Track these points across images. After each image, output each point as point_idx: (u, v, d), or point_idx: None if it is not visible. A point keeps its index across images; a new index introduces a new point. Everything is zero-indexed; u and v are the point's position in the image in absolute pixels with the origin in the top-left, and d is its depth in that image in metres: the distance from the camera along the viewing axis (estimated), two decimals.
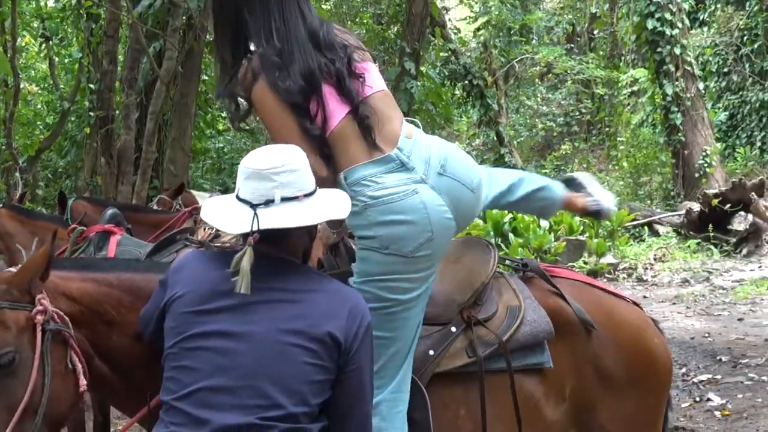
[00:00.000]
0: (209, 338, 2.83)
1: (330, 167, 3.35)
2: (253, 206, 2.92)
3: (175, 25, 11.46)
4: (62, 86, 18.52)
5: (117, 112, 12.66)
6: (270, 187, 2.93)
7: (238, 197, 2.99)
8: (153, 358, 3.10)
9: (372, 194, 3.33)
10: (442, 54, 21.94)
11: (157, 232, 7.33)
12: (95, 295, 3.18)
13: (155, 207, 9.12)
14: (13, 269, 3.08)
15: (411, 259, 3.35)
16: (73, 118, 17.62)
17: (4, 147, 14.68)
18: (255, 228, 2.87)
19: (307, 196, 3.01)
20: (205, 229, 6.53)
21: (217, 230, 6.68)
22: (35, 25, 17.08)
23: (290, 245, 3.04)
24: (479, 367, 3.51)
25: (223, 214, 3.02)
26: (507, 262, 4.12)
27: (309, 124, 3.32)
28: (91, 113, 13.81)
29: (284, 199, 2.95)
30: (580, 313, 3.75)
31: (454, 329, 3.58)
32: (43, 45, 17.33)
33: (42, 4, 18.43)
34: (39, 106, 20.36)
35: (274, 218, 2.91)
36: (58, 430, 3.10)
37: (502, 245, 16.39)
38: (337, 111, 3.36)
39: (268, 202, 2.92)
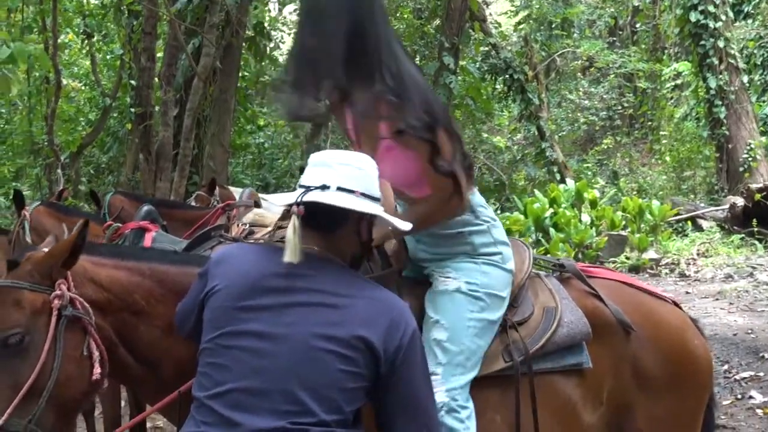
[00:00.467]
0: (245, 337, 2.79)
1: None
2: (308, 188, 2.91)
3: (213, 21, 11.46)
4: (104, 83, 18.66)
5: (156, 108, 12.69)
6: (329, 174, 2.93)
7: (300, 184, 2.98)
8: (183, 352, 3.10)
9: (492, 216, 3.71)
10: (482, 48, 21.85)
11: (191, 229, 7.34)
12: (126, 284, 3.19)
13: (193, 203, 9.13)
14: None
15: (512, 276, 3.67)
16: (115, 115, 17.74)
17: (46, 143, 14.78)
18: (300, 200, 2.87)
19: (366, 197, 2.98)
20: (239, 225, 6.53)
21: (251, 227, 6.69)
22: (77, 22, 17.16)
23: (339, 243, 3.01)
24: (515, 371, 3.49)
25: (280, 196, 3.05)
26: (543, 262, 4.07)
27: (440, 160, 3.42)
28: (132, 109, 13.92)
29: (340, 189, 2.93)
30: (617, 314, 3.71)
31: None
32: (85, 42, 17.44)
33: (84, 1, 18.54)
34: (82, 103, 20.50)
35: (322, 197, 2.90)
36: (70, 416, 3.11)
37: (543, 240, 16.32)
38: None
39: (324, 187, 2.91)
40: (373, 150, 3.42)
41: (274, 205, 5.66)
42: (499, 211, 19.24)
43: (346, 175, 2.95)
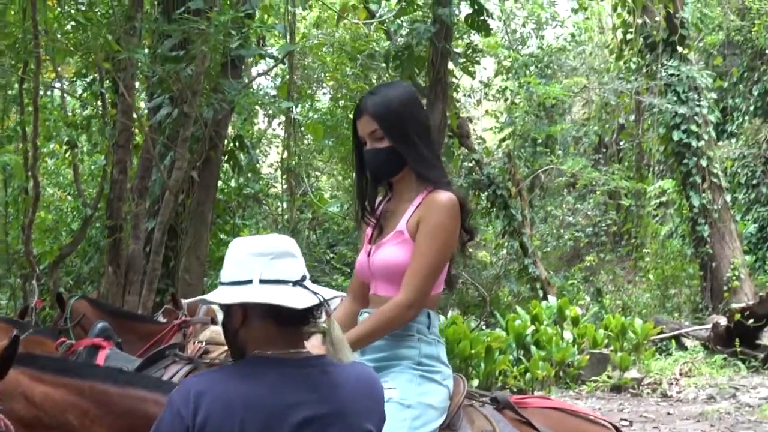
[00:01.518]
0: None
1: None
2: (294, 283, 2.77)
3: (185, 135, 11.49)
4: (88, 192, 18.69)
5: (127, 220, 12.66)
6: (299, 263, 2.83)
7: (264, 280, 2.77)
8: None
9: (439, 337, 3.88)
10: (466, 164, 21.98)
11: (146, 345, 7.23)
12: (60, 402, 3.06)
13: (161, 317, 9.00)
14: None
15: (448, 393, 3.74)
16: (97, 225, 17.70)
17: (22, 254, 14.71)
18: (320, 299, 2.76)
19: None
20: (194, 343, 6.44)
21: (207, 346, 6.59)
22: (62, 132, 17.28)
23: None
24: None
25: (268, 292, 2.76)
26: (476, 395, 4.04)
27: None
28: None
29: (305, 278, 2.83)
30: None
31: None
32: (68, 152, 17.51)
33: (69, 112, 18.68)
34: (66, 212, 20.51)
35: (322, 291, 2.82)
36: None
37: (523, 359, 16.17)
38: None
39: (303, 278, 2.80)
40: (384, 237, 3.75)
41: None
42: (482, 327, 19.10)
43: (301, 262, 2.87)
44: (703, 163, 21.28)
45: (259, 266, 2.76)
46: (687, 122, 21.29)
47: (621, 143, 28.88)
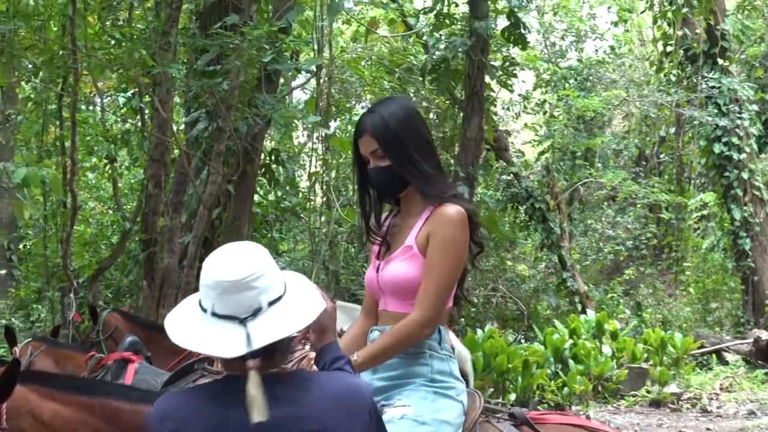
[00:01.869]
0: None
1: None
2: (242, 321, 2.70)
3: (219, 149, 11.55)
4: (129, 206, 18.84)
5: (162, 234, 12.74)
6: (253, 295, 2.73)
7: (215, 314, 2.74)
8: None
9: (451, 352, 3.85)
10: (504, 177, 21.91)
11: (176, 360, 7.24)
12: (70, 420, 3.07)
13: None
14: None
15: (463, 408, 3.76)
16: (137, 238, 17.83)
17: (61, 268, 14.83)
18: (253, 347, 2.66)
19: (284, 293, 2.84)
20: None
21: None
22: (103, 146, 17.44)
23: (281, 352, 2.85)
24: None
25: (207, 336, 2.73)
26: (494, 410, 4.02)
27: None
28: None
29: (270, 303, 2.77)
30: None
31: None
32: (107, 166, 17.67)
33: (108, 126, 18.85)
34: (105, 226, 20.67)
35: (270, 329, 2.72)
36: None
37: (561, 373, 16.07)
38: None
39: (256, 312, 2.72)
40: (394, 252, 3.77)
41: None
42: (521, 341, 19.01)
43: (266, 287, 2.78)
44: (745, 175, 21.11)
45: (211, 299, 2.74)
46: (728, 135, 21.13)
47: (661, 156, 28.70)
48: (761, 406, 15.05)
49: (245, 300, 2.72)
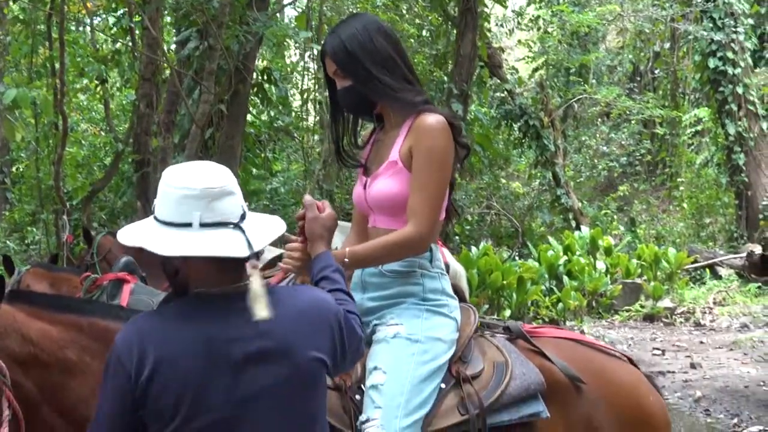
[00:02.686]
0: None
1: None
2: (236, 225, 2.70)
3: (212, 68, 11.42)
4: (120, 127, 18.71)
5: (155, 154, 12.67)
6: (236, 201, 2.75)
7: (204, 224, 2.70)
8: None
9: (443, 269, 3.80)
10: (498, 94, 21.80)
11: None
12: (58, 338, 3.04)
13: None
14: None
15: (457, 325, 3.72)
16: (130, 159, 17.76)
17: (53, 190, 14.77)
18: (254, 249, 2.67)
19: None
20: None
21: None
22: (93, 67, 17.23)
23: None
24: (471, 425, 3.41)
25: (207, 242, 2.67)
26: (488, 325, 4.00)
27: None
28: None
29: (244, 216, 2.76)
30: (565, 369, 3.63)
31: (443, 386, 3.49)
32: (98, 87, 17.50)
33: (98, 46, 18.64)
34: (98, 147, 20.55)
35: (260, 232, 2.75)
36: None
37: (556, 289, 16.17)
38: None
39: (242, 217, 2.73)
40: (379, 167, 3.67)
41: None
42: (515, 258, 19.08)
43: (239, 194, 2.80)
44: (740, 90, 21.05)
45: (199, 209, 2.69)
46: (723, 49, 21.01)
47: (656, 71, 28.55)
48: (754, 320, 15.17)
49: (231, 205, 2.72)
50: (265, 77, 14.72)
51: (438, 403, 3.45)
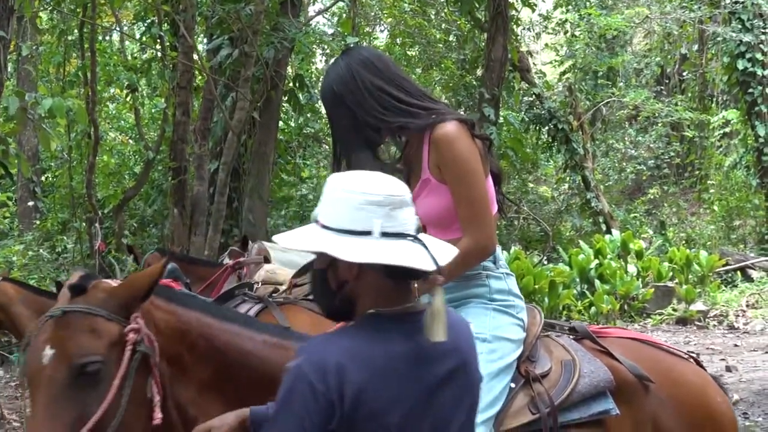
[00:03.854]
0: None
1: None
2: (416, 238, 2.56)
3: (247, 75, 11.46)
4: (149, 136, 18.80)
5: (191, 162, 12.74)
6: (413, 213, 2.62)
7: (385, 233, 2.55)
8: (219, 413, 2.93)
9: (508, 270, 3.82)
10: (526, 98, 21.77)
11: (202, 287, 7.29)
12: (177, 331, 3.05)
13: (227, 259, 9.05)
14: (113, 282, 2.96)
15: (523, 325, 3.72)
16: (159, 168, 17.85)
17: (85, 198, 14.87)
18: (439, 264, 2.51)
19: None
20: (260, 283, 6.46)
21: (276, 284, 6.60)
22: (123, 76, 17.34)
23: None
24: (543, 424, 3.41)
25: (394, 250, 2.53)
26: (553, 325, 4.00)
27: None
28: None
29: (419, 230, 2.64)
30: (633, 369, 3.62)
31: (513, 385, 3.50)
32: (129, 96, 17.59)
33: (128, 55, 18.75)
34: (128, 156, 20.67)
35: (439, 248, 2.61)
36: None
37: (587, 293, 16.13)
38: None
39: (419, 230, 2.61)
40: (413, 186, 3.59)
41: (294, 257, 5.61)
42: (545, 262, 19.03)
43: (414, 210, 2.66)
44: None
45: (380, 217, 2.55)
46: (752, 50, 20.91)
47: (684, 74, 28.42)
48: None
49: (410, 217, 2.60)
50: (297, 84, 14.76)
51: (509, 403, 3.45)
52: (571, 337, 3.82)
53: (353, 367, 2.45)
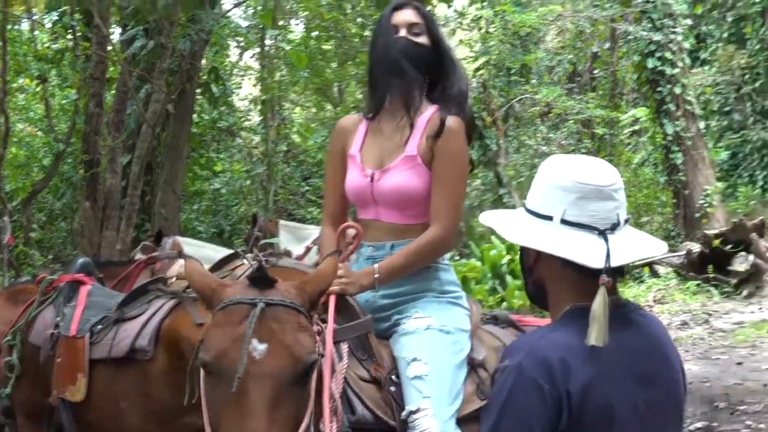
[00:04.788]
0: None
1: None
2: (602, 233, 2.46)
3: (162, 67, 11.35)
4: (59, 128, 18.45)
5: (104, 155, 12.55)
6: (612, 207, 2.51)
7: (566, 221, 2.48)
8: None
9: (448, 260, 3.89)
10: None
11: (115, 281, 7.21)
12: None
13: (139, 254, 8.93)
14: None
15: (469, 315, 3.79)
16: (69, 160, 17.54)
17: None
18: (611, 264, 2.41)
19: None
20: (174, 278, 6.39)
21: (177, 280, 6.54)
22: (33, 66, 16.99)
23: (620, 277, 2.62)
24: None
25: (562, 241, 2.46)
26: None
27: None
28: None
29: (626, 221, 2.54)
30: None
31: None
32: (39, 86, 17.27)
33: (38, 45, 18.39)
34: (37, 148, 20.28)
35: (629, 248, 2.49)
36: None
37: (499, 288, 16.24)
38: None
39: (614, 226, 2.49)
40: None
41: (210, 252, 5.59)
42: (457, 257, 19.14)
43: (622, 202, 2.55)
44: (677, 90, 21.28)
45: (564, 203, 2.48)
46: (662, 49, 21.24)
47: (595, 72, 28.79)
48: (693, 317, 15.35)
49: (604, 210, 2.49)
50: (212, 77, 14.63)
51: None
52: (496, 325, 3.89)
53: (576, 362, 2.39)
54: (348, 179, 3.78)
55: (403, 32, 3.66)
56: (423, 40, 3.66)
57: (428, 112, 3.69)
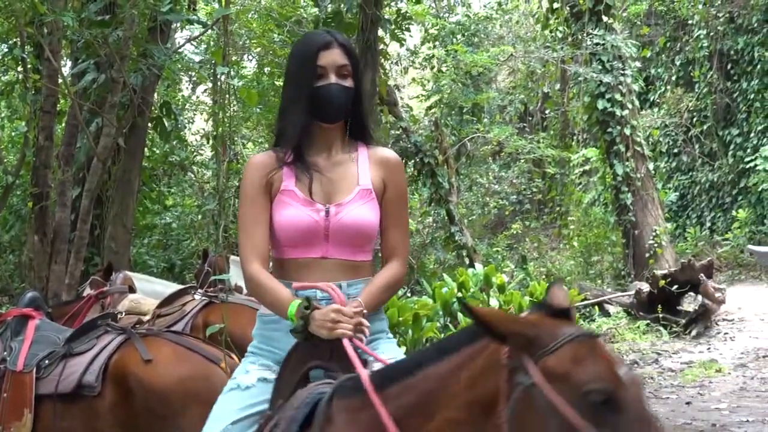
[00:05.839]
0: None
1: None
2: None
3: (113, 101, 11.29)
4: (9, 159, 18.28)
5: (53, 188, 12.43)
6: None
7: None
8: None
9: None
10: (393, 132, 21.94)
11: (65, 318, 7.14)
12: None
13: (88, 288, 8.83)
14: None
15: None
16: (18, 193, 17.35)
17: None
18: None
19: None
20: (123, 313, 6.36)
21: (140, 314, 6.51)
22: None
23: None
24: None
25: None
26: None
27: None
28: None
29: None
30: None
31: None
32: None
33: None
34: None
35: None
36: None
37: (451, 325, 16.23)
38: None
39: None
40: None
41: (158, 287, 5.55)
42: (408, 295, 19.12)
43: None
44: (627, 131, 21.53)
45: None
46: (611, 91, 21.50)
47: (546, 112, 29.07)
48: (643, 356, 15.46)
49: None
50: (164, 111, 14.54)
51: None
52: None
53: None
54: (285, 216, 3.54)
55: (332, 78, 3.53)
56: (349, 83, 3.54)
57: (363, 147, 3.64)
